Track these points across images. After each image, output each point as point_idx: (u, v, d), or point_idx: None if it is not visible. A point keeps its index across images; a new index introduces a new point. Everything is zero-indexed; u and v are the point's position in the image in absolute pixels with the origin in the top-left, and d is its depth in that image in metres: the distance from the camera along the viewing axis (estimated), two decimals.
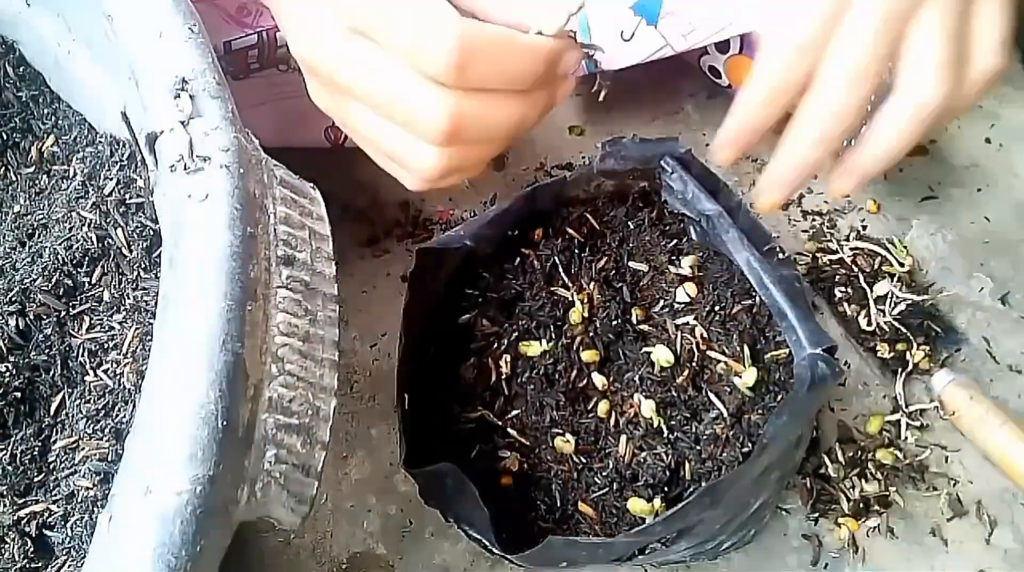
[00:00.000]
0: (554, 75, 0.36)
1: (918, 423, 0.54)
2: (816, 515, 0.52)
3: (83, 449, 0.37)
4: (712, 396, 0.46)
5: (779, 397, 0.45)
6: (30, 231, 0.44)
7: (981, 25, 0.37)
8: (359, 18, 0.34)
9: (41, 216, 0.45)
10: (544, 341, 0.48)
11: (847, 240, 0.61)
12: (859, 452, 0.53)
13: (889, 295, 0.57)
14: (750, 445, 0.44)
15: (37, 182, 0.48)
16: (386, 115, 0.35)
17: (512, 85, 0.35)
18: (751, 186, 0.64)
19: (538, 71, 0.35)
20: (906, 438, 0.54)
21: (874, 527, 0.51)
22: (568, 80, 0.37)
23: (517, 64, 0.34)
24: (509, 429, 0.47)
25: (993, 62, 0.37)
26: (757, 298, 0.47)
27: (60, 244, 0.41)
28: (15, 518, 0.37)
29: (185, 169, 0.32)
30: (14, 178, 0.49)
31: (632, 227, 0.51)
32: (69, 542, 0.36)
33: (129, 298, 0.40)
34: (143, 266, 0.40)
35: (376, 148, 0.38)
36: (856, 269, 0.58)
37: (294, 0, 0.36)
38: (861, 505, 0.52)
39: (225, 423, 0.28)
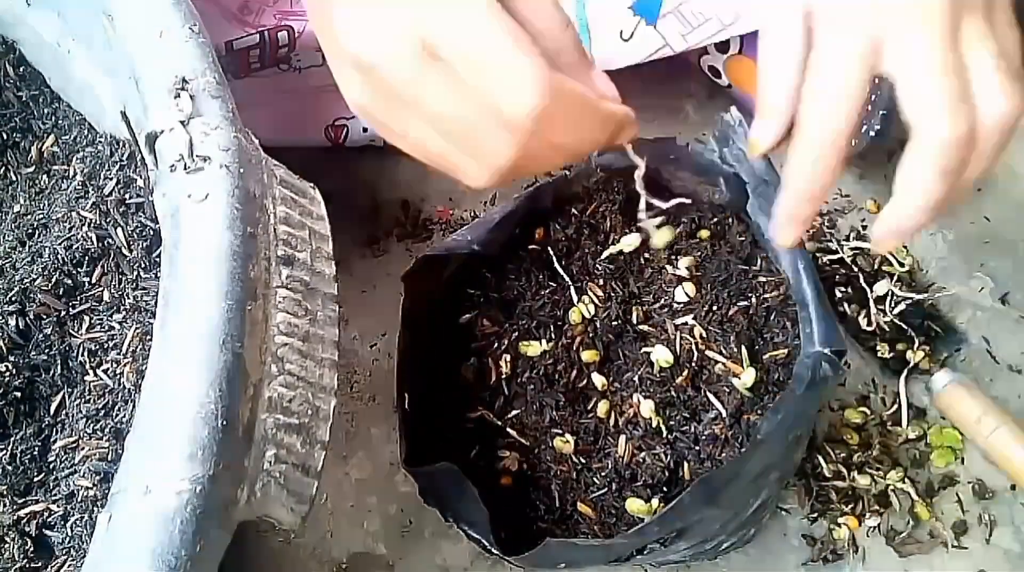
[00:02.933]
0: (610, 140, 0.38)
1: (918, 423, 0.54)
2: (816, 515, 0.52)
3: (83, 449, 0.37)
4: (711, 396, 0.46)
5: (778, 398, 0.45)
6: (30, 231, 0.44)
7: (975, 62, 0.34)
8: (442, 39, 0.33)
9: (41, 216, 0.45)
10: (544, 341, 0.48)
11: (847, 240, 0.61)
12: (858, 452, 0.53)
13: (889, 295, 0.57)
14: (749, 445, 0.44)
15: (37, 182, 0.48)
16: (448, 131, 0.35)
17: (576, 144, 0.36)
18: None
19: (600, 136, 0.37)
20: (905, 438, 0.54)
21: (874, 527, 0.51)
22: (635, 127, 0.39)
23: (589, 125, 0.36)
24: (509, 429, 0.47)
25: (1001, 106, 0.34)
26: (753, 299, 0.47)
27: (60, 244, 0.41)
28: (15, 518, 0.37)
29: (185, 169, 0.33)
30: (14, 178, 0.49)
31: (632, 225, 0.51)
32: (69, 542, 0.36)
33: (129, 298, 0.40)
34: (143, 266, 0.40)
35: (436, 146, 0.36)
36: (856, 269, 0.58)
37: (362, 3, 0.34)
38: (860, 504, 0.52)
39: (225, 423, 0.28)
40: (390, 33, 0.33)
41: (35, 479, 0.38)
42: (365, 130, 0.63)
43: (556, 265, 0.50)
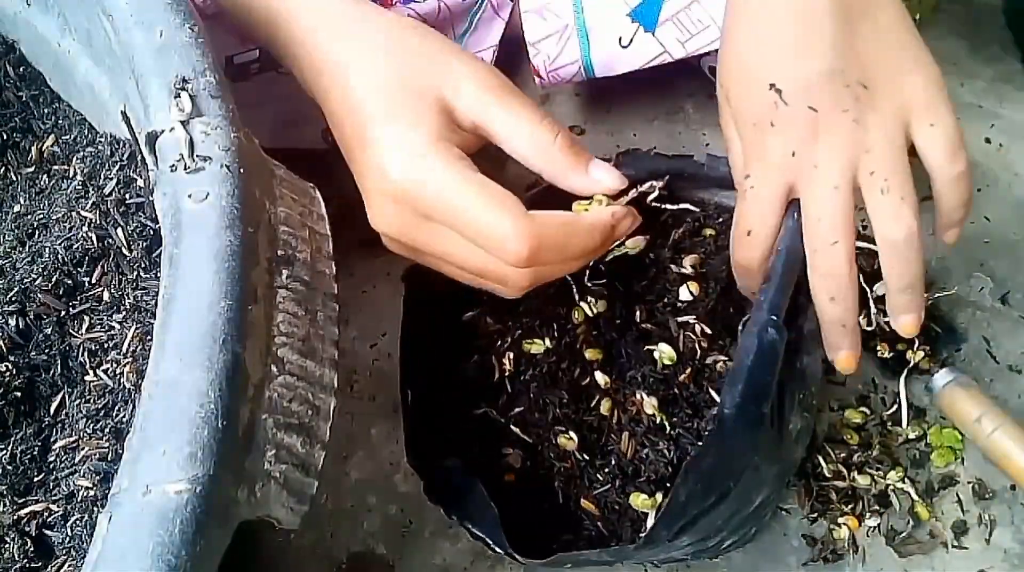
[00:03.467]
0: (613, 234, 0.43)
1: (918, 423, 0.54)
2: (816, 515, 0.52)
3: (83, 449, 0.37)
4: (713, 393, 0.46)
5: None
6: (30, 231, 0.44)
7: (924, 146, 0.40)
8: (432, 211, 0.39)
9: (41, 216, 0.45)
10: (547, 339, 0.48)
11: None
12: (858, 452, 0.53)
13: None
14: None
15: (37, 182, 0.48)
16: (464, 270, 0.41)
17: (577, 257, 0.41)
18: None
19: (598, 244, 0.42)
20: (905, 438, 0.54)
21: (874, 527, 0.51)
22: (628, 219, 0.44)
23: (580, 244, 0.41)
24: (512, 426, 0.47)
25: (953, 168, 0.40)
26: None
27: (60, 244, 0.41)
28: (15, 518, 0.37)
29: (185, 169, 0.32)
30: (14, 178, 0.49)
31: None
32: (69, 542, 0.36)
33: (129, 298, 0.40)
34: (143, 266, 0.40)
35: (462, 277, 0.43)
36: (856, 269, 0.58)
37: (370, 179, 0.40)
38: (860, 504, 0.52)
39: (225, 423, 0.28)
40: (393, 210, 0.40)
41: (35, 479, 0.38)
42: None
43: None
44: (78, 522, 0.36)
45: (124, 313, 0.39)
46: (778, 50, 0.40)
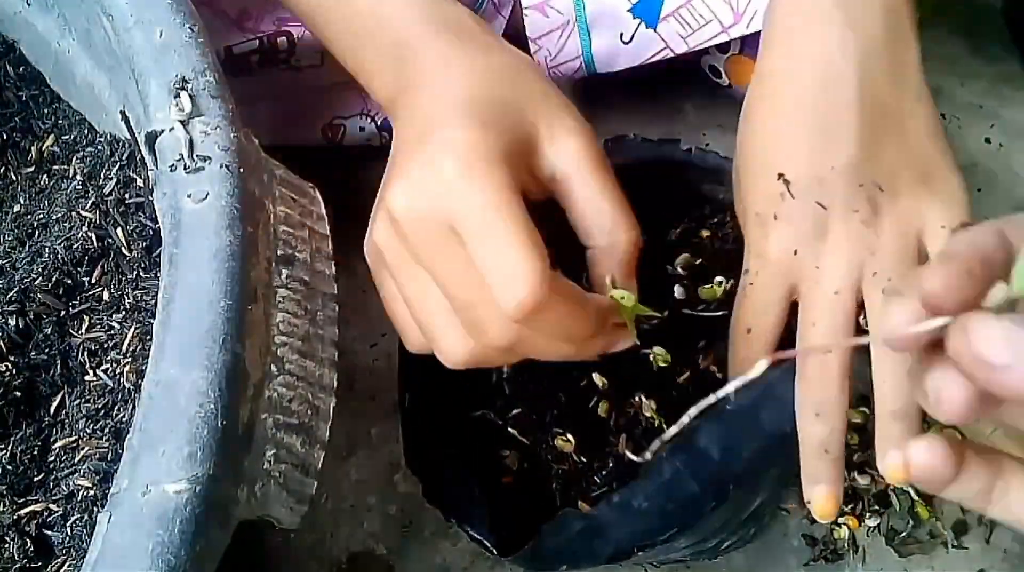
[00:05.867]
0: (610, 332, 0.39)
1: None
2: None
3: (83, 449, 0.37)
4: (714, 397, 0.46)
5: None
6: (30, 231, 0.44)
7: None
8: (461, 220, 0.34)
9: (41, 216, 0.45)
10: None
11: None
12: (858, 452, 0.53)
13: None
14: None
15: (37, 182, 0.48)
16: (449, 298, 0.35)
17: (568, 338, 0.36)
18: None
19: (592, 333, 0.37)
20: None
21: (874, 527, 0.51)
22: (624, 337, 0.40)
23: (578, 325, 0.36)
24: (510, 428, 0.47)
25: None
26: None
27: (60, 244, 0.41)
28: (15, 518, 0.37)
29: (185, 169, 0.33)
30: (14, 178, 0.49)
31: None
32: (69, 542, 0.36)
33: (129, 298, 0.40)
34: (143, 266, 0.40)
35: (427, 309, 0.37)
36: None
37: (410, 173, 0.36)
38: (860, 504, 0.52)
39: (225, 423, 0.28)
40: (424, 199, 0.35)
41: (35, 479, 0.38)
42: (362, 129, 0.63)
43: (557, 264, 0.49)
44: (78, 522, 0.36)
45: (124, 313, 0.39)
46: (794, 138, 0.38)
